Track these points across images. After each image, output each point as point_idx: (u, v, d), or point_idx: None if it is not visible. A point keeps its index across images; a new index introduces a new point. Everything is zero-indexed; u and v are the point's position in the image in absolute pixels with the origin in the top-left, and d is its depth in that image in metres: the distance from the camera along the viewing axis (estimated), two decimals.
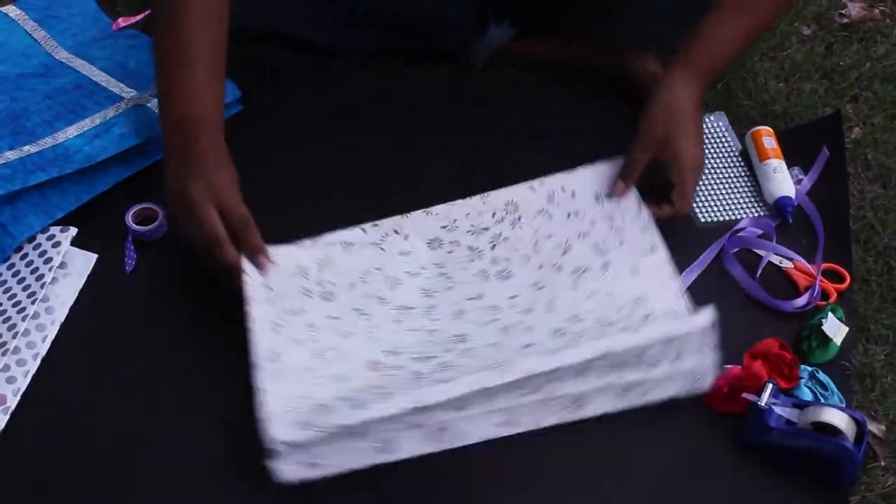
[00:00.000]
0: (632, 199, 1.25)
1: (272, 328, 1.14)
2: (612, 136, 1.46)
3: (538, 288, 1.19)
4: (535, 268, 1.21)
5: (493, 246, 1.24)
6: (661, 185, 1.27)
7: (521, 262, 1.22)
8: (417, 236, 1.26)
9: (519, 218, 1.25)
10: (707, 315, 1.08)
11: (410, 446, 1.08)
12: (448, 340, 1.16)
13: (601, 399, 1.10)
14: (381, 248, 1.25)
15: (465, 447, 1.09)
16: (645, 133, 1.27)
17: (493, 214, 1.26)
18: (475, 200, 1.27)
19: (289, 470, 1.06)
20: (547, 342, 1.12)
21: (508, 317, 1.17)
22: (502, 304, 1.19)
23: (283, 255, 1.21)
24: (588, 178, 1.27)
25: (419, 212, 1.27)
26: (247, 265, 1.17)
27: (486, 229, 1.25)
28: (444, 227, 1.26)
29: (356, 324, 1.18)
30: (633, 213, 1.23)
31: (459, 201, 1.27)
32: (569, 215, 1.25)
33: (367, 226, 1.26)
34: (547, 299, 1.18)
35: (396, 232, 1.26)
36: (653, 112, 1.27)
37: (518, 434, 1.10)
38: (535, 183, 1.27)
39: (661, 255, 1.18)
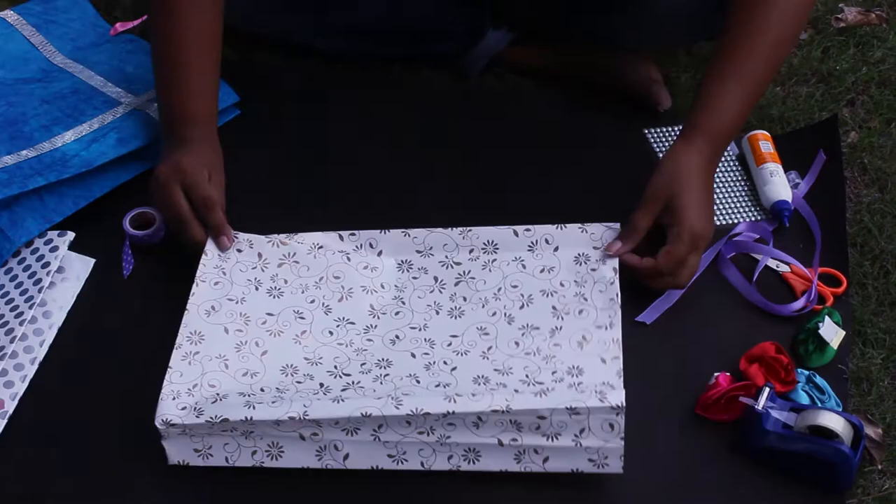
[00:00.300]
0: (609, 268, 1.20)
1: (206, 310, 1.18)
2: (610, 141, 1.47)
3: (482, 333, 1.18)
4: (487, 314, 1.20)
5: (458, 283, 1.23)
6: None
7: (476, 306, 1.21)
8: (390, 254, 1.25)
9: (493, 261, 1.23)
10: (616, 396, 1.04)
11: (296, 457, 1.08)
12: (371, 363, 1.16)
13: (497, 456, 1.07)
14: (348, 258, 1.25)
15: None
16: (648, 198, 1.21)
17: (471, 251, 1.24)
18: (455, 233, 1.24)
19: (175, 452, 1.09)
20: (463, 386, 1.11)
21: (440, 354, 1.16)
22: (440, 341, 1.18)
23: (248, 243, 1.24)
24: (575, 237, 1.23)
25: (398, 231, 1.25)
26: (209, 245, 1.23)
27: (459, 264, 1.24)
28: (419, 252, 1.25)
29: (290, 325, 1.19)
30: (604, 283, 1.19)
31: (440, 230, 1.25)
32: (542, 270, 1.22)
33: (345, 234, 1.25)
34: (486, 346, 1.17)
35: (371, 246, 1.25)
36: (657, 176, 1.21)
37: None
38: (521, 229, 1.24)
39: (613, 334, 1.15)
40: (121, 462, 1.11)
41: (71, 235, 1.27)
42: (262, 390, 1.11)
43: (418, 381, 1.12)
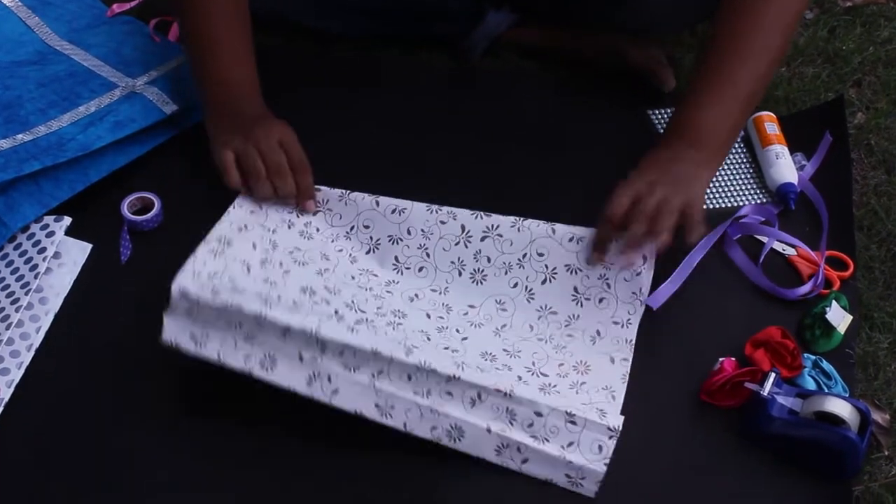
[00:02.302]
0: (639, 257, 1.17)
1: (238, 227, 1.19)
2: (613, 122, 1.46)
3: (500, 308, 1.18)
4: (509, 285, 1.19)
5: (484, 238, 1.21)
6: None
7: (499, 271, 1.20)
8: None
9: (522, 220, 1.21)
10: (614, 418, 1.04)
11: (286, 375, 1.07)
12: (387, 309, 1.16)
13: (479, 442, 1.06)
14: (377, 203, 1.24)
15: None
16: (614, 197, 1.17)
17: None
18: (479, 222, 1.22)
19: (171, 329, 1.08)
20: (471, 358, 1.10)
21: (454, 322, 1.16)
22: (457, 308, 1.18)
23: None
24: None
25: (422, 205, 1.24)
26: (240, 197, 1.23)
27: (488, 216, 1.22)
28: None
29: (315, 261, 1.20)
30: (631, 271, 1.17)
31: (467, 211, 1.22)
32: (571, 238, 1.19)
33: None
34: (501, 323, 1.17)
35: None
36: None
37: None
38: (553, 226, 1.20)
39: (628, 334, 1.14)
40: (118, 450, 1.10)
41: (68, 220, 1.26)
42: (279, 298, 1.11)
43: (429, 339, 1.12)
